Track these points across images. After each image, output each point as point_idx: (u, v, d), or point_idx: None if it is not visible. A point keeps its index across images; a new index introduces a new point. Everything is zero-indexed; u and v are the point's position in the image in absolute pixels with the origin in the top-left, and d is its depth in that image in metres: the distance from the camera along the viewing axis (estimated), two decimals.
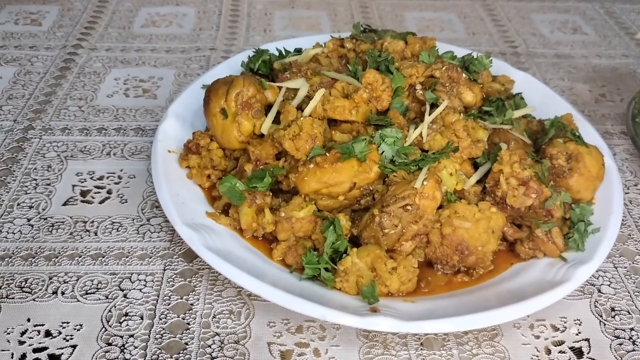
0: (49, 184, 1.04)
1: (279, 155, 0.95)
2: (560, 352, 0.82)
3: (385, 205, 0.83)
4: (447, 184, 0.88)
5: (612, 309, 0.89)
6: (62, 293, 0.86)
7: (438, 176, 0.86)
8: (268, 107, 0.99)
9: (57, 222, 0.97)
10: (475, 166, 0.94)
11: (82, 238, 0.95)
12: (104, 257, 0.92)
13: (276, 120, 0.97)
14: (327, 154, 0.88)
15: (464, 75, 0.99)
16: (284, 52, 1.16)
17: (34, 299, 0.85)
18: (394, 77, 0.97)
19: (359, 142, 0.88)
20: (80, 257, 0.91)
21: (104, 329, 0.81)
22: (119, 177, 1.07)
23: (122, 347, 0.79)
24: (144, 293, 0.87)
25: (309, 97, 0.96)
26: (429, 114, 0.93)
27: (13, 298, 0.85)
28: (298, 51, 1.16)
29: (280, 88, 0.99)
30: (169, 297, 0.86)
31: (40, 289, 0.86)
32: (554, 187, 0.90)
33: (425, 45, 1.05)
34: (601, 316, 0.87)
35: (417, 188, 0.83)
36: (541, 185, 0.86)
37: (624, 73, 1.47)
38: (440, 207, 0.86)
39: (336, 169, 0.87)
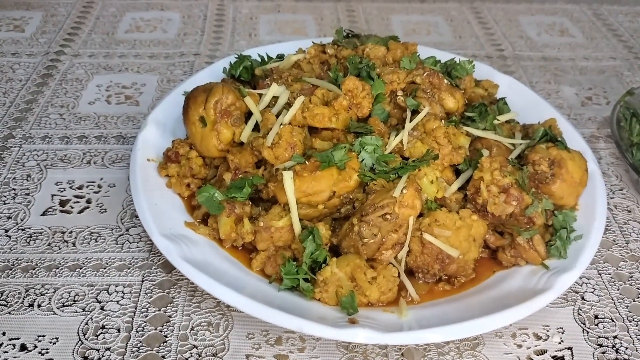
0: (27, 194, 1.03)
1: (259, 163, 0.94)
2: None
3: (364, 214, 0.82)
4: (428, 192, 0.88)
5: (596, 317, 0.88)
6: (39, 306, 0.85)
7: (417, 184, 0.85)
8: (248, 115, 0.97)
9: (35, 233, 0.96)
10: (457, 173, 0.94)
11: (60, 249, 0.93)
12: (81, 269, 0.90)
13: (256, 128, 0.96)
14: (306, 162, 0.87)
15: (445, 81, 0.98)
16: (266, 58, 1.15)
17: (9, 312, 0.84)
18: (374, 84, 0.96)
19: (339, 150, 0.87)
20: (57, 268, 0.90)
21: (80, 342, 0.80)
22: (99, 186, 1.06)
23: None
24: (122, 305, 0.85)
25: (289, 104, 0.95)
26: (410, 121, 0.92)
27: None
28: (280, 57, 1.15)
29: (260, 95, 0.98)
30: (147, 309, 0.85)
31: (17, 302, 0.85)
32: (535, 194, 0.89)
33: (407, 51, 1.04)
34: (584, 324, 0.87)
35: (396, 197, 0.82)
36: (522, 192, 0.85)
37: (611, 75, 1.46)
38: (421, 215, 0.85)
39: (315, 177, 0.86)
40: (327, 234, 0.86)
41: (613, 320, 0.87)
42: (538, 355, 0.82)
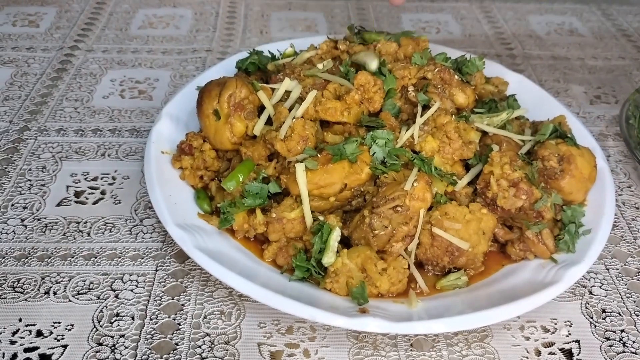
0: (43, 185, 1.05)
1: (272, 156, 0.95)
2: (550, 353, 0.82)
3: (375, 206, 0.84)
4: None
5: (603, 311, 0.89)
6: (54, 293, 0.86)
7: (428, 178, 0.86)
8: (261, 109, 0.99)
9: (50, 223, 0.97)
10: (467, 167, 0.95)
11: (75, 238, 0.95)
12: (96, 258, 0.92)
13: (269, 122, 0.97)
14: (318, 155, 0.89)
15: (456, 76, 0.99)
16: (279, 55, 1.17)
17: (25, 299, 0.85)
18: (386, 79, 0.97)
19: (350, 143, 0.88)
20: (72, 257, 0.92)
21: (95, 329, 0.82)
22: (113, 178, 1.07)
23: (112, 347, 0.79)
24: (136, 293, 0.87)
25: (301, 99, 0.96)
26: (421, 116, 0.94)
27: (5, 298, 0.85)
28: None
29: (272, 89, 1.00)
30: (160, 297, 0.87)
31: (33, 289, 0.87)
32: (544, 189, 0.90)
33: (418, 47, 1.05)
34: (592, 318, 0.88)
35: (407, 189, 0.83)
36: (531, 186, 0.86)
37: (620, 75, 1.47)
38: (431, 208, 0.87)
39: (327, 170, 0.87)
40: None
41: (620, 315, 0.88)
42: (546, 347, 0.83)
